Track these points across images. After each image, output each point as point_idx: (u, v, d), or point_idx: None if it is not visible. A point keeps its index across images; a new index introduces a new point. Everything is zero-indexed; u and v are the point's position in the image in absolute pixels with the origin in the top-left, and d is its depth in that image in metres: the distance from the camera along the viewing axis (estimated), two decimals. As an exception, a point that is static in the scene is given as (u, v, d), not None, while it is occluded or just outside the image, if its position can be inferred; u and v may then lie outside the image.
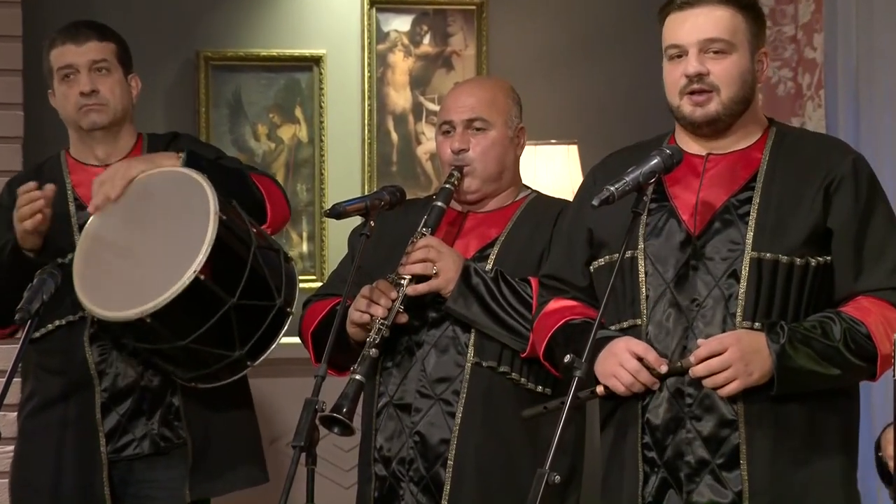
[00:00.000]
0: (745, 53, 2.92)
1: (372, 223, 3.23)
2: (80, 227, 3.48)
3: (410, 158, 5.34)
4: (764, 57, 2.97)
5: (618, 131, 4.85)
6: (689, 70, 2.89)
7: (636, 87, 5.24)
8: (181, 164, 3.46)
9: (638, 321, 2.92)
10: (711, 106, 2.91)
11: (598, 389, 2.89)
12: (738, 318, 2.84)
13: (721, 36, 2.90)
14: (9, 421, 3.95)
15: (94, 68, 3.52)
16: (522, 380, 3.27)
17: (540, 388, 3.28)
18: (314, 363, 3.37)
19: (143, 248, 3.37)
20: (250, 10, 5.22)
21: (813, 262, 2.86)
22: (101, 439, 3.48)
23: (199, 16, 5.19)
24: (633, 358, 2.84)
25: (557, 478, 2.62)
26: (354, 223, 3.45)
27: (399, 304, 3.23)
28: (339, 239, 4.09)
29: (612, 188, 2.80)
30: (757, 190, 2.90)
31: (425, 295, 3.28)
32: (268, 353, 3.43)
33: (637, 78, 5.18)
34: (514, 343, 3.24)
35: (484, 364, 3.26)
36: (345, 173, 5.28)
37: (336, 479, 5.00)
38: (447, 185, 3.35)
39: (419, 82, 5.35)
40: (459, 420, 3.25)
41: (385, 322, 3.21)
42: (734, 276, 2.86)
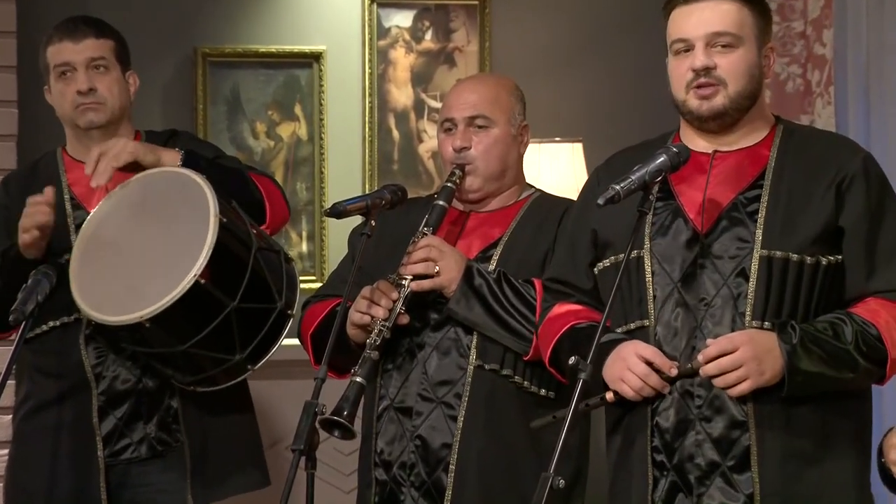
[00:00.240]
0: (752, 48, 2.93)
1: (373, 222, 3.23)
2: (77, 226, 3.48)
3: (412, 157, 5.34)
4: (770, 52, 2.98)
5: (624, 129, 4.85)
6: (697, 64, 2.90)
7: (642, 83, 5.24)
8: (180, 162, 3.46)
9: (645, 322, 2.92)
10: (718, 99, 2.91)
11: (608, 395, 2.89)
12: (748, 317, 2.84)
13: (728, 29, 2.91)
14: (3, 424, 3.96)
15: (91, 66, 3.52)
16: (525, 383, 3.27)
17: (543, 392, 3.28)
18: (314, 365, 3.37)
19: (141, 250, 3.37)
20: (249, 6, 5.23)
21: (824, 261, 2.86)
22: (98, 443, 3.49)
23: (196, 11, 5.19)
24: (641, 362, 2.84)
25: (562, 482, 2.62)
26: (355, 223, 3.46)
27: (400, 305, 3.23)
28: (340, 239, 4.10)
29: (617, 187, 2.80)
30: (765, 187, 2.91)
31: (427, 294, 3.28)
32: (268, 356, 3.43)
33: (643, 74, 5.18)
34: (518, 346, 3.24)
35: (486, 367, 3.26)
36: (345, 172, 5.28)
37: (336, 483, 5.00)
38: (449, 184, 3.35)
39: (421, 79, 5.35)
40: (461, 424, 3.25)
41: (386, 323, 3.21)
42: (743, 274, 2.86)
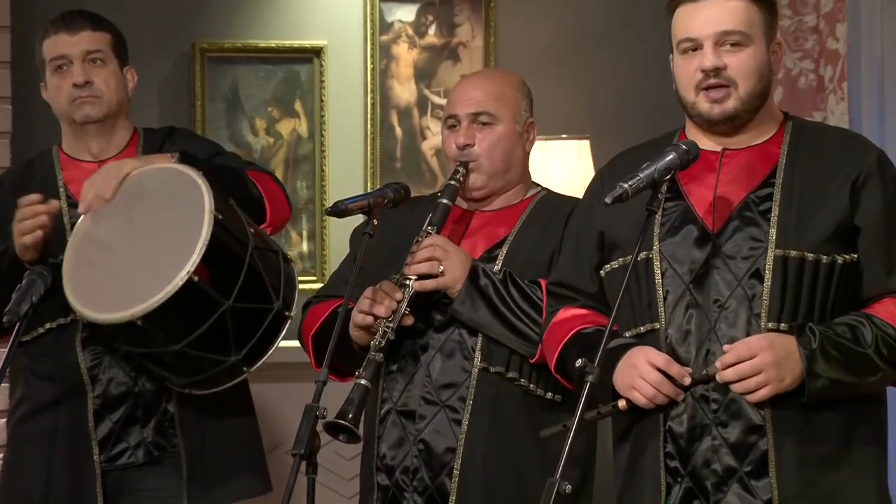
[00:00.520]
0: (761, 45, 2.92)
1: (375, 222, 3.22)
2: (72, 226, 3.47)
3: (415, 154, 5.34)
4: (778, 48, 2.97)
5: (632, 126, 4.85)
6: (706, 64, 2.89)
7: (651, 79, 5.24)
8: (176, 160, 3.46)
9: (656, 325, 2.91)
10: (730, 103, 2.90)
11: (620, 404, 2.88)
12: (763, 318, 2.84)
13: (737, 28, 2.90)
14: (-3, 428, 3.97)
15: (88, 59, 3.52)
16: (531, 386, 3.27)
17: (550, 395, 3.28)
18: (315, 368, 3.37)
19: (135, 247, 3.37)
20: (248, 0, 5.23)
21: (839, 260, 2.86)
22: (94, 447, 3.49)
23: (194, 6, 5.19)
24: (653, 370, 2.83)
25: (569, 487, 2.62)
26: (356, 222, 3.46)
27: (404, 306, 3.24)
28: (341, 238, 4.09)
29: (625, 185, 2.80)
30: (777, 185, 2.90)
31: (431, 295, 3.28)
32: (265, 358, 3.43)
33: (652, 69, 5.18)
34: (524, 348, 3.24)
35: (491, 370, 3.26)
36: (346, 170, 5.28)
37: (337, 488, 5.01)
38: (452, 182, 3.35)
39: (424, 75, 5.35)
40: (466, 428, 3.25)
41: (390, 324, 3.21)
42: (757, 275, 2.85)
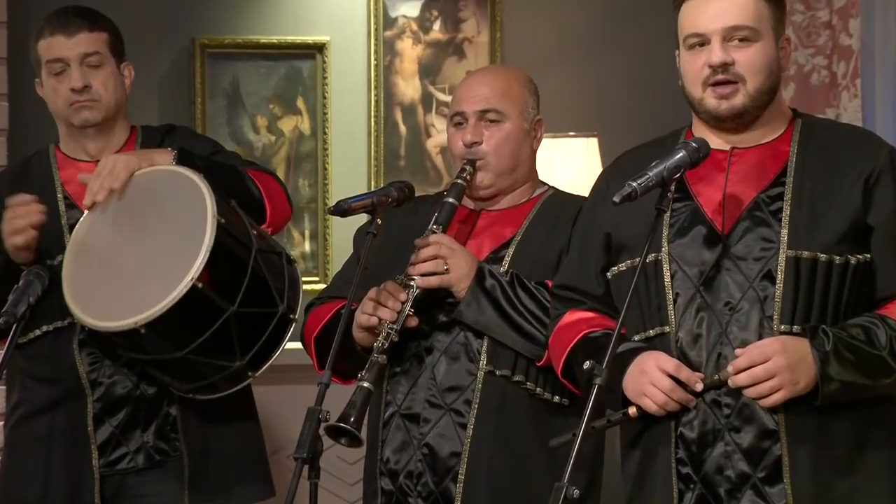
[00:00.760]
0: (769, 41, 2.92)
1: (379, 221, 3.23)
2: (71, 226, 3.47)
3: (420, 152, 5.35)
4: (787, 43, 2.97)
5: (641, 123, 4.85)
6: (714, 60, 2.89)
7: (660, 75, 5.23)
8: (175, 160, 3.46)
9: (666, 328, 2.91)
10: (738, 99, 2.90)
11: (631, 411, 2.87)
12: (776, 320, 2.84)
13: (746, 23, 2.90)
14: (-6, 431, 3.97)
15: (85, 62, 3.51)
16: (538, 390, 3.27)
17: (557, 399, 3.28)
18: (317, 370, 3.37)
19: (135, 252, 3.37)
20: (249, -5, 5.24)
21: (853, 260, 2.86)
22: (93, 452, 3.48)
23: (194, 0, 5.20)
24: (665, 376, 2.83)
25: (577, 492, 2.62)
26: (360, 221, 3.46)
27: (409, 307, 3.24)
28: (344, 238, 4.10)
29: (634, 184, 2.80)
30: (788, 185, 2.90)
31: (437, 295, 3.28)
32: (270, 362, 3.43)
33: (662, 66, 5.15)
34: (530, 350, 3.24)
35: (497, 372, 3.26)
36: (350, 168, 5.29)
37: (340, 493, 5.01)
38: (458, 181, 3.35)
39: (429, 71, 5.35)
40: (471, 432, 3.25)
41: (394, 326, 3.22)
42: (769, 276, 2.85)
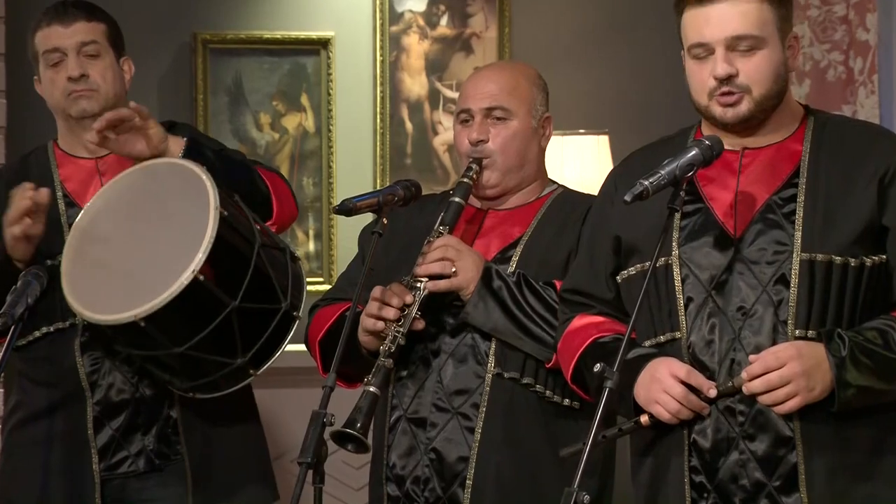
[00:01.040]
0: (775, 45, 2.90)
1: (384, 220, 3.23)
2: (71, 225, 3.47)
3: (426, 150, 5.35)
4: (795, 41, 2.95)
5: (653, 120, 4.85)
6: (718, 72, 2.87)
7: (672, 72, 5.19)
8: (183, 151, 3.47)
9: (677, 334, 2.91)
10: (743, 106, 2.89)
11: (643, 419, 2.88)
12: (790, 325, 2.83)
13: (749, 31, 2.87)
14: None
15: (82, 51, 3.52)
16: (548, 392, 3.27)
17: (567, 402, 3.28)
18: (322, 373, 3.38)
19: (137, 245, 3.38)
20: (252, -11, 5.25)
21: (868, 262, 2.85)
22: (94, 456, 3.49)
23: (196, -5, 5.21)
24: (678, 383, 2.83)
25: (587, 497, 2.62)
26: (365, 221, 3.46)
27: (415, 310, 3.24)
28: (349, 238, 4.12)
29: (646, 182, 2.80)
30: (801, 186, 2.90)
31: (443, 297, 3.28)
32: (272, 360, 3.43)
33: (673, 62, 5.13)
34: (539, 352, 3.24)
35: (506, 375, 3.26)
36: (355, 166, 5.29)
37: (346, 499, 5.01)
38: (465, 180, 3.35)
39: (436, 67, 5.36)
40: (479, 436, 3.25)
41: (401, 329, 3.22)
42: (783, 280, 2.84)
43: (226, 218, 3.30)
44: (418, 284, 3.26)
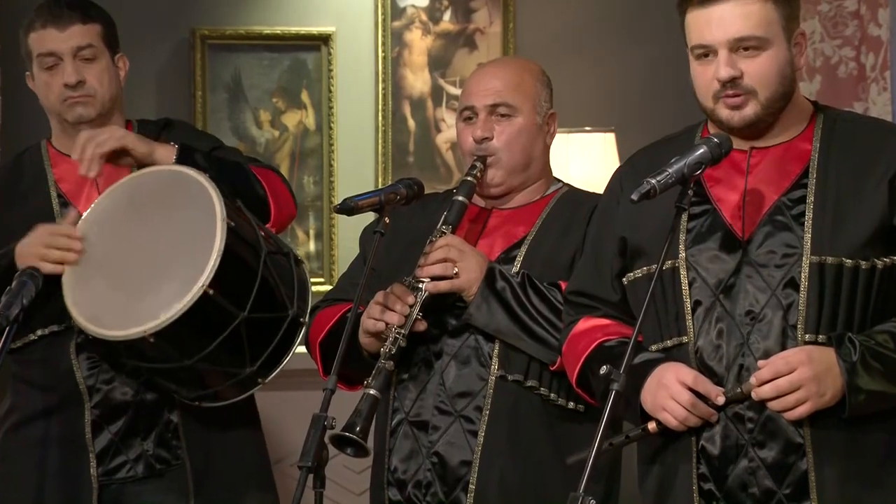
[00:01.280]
0: (781, 44, 2.88)
1: (386, 220, 3.23)
2: (64, 226, 3.49)
3: (429, 148, 5.35)
4: (802, 38, 2.93)
5: (660, 117, 4.84)
6: (722, 75, 2.86)
7: (679, 68, 5.18)
8: (174, 157, 3.46)
9: (684, 338, 2.90)
10: (749, 109, 2.88)
11: (650, 426, 2.88)
12: (800, 330, 2.83)
13: (752, 32, 2.86)
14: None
15: (79, 55, 3.51)
16: (552, 395, 3.27)
17: (571, 405, 3.28)
18: (322, 375, 3.38)
19: (140, 257, 3.36)
20: (251, -16, 5.25)
21: (879, 265, 2.85)
22: (91, 460, 3.49)
23: (194, -10, 5.21)
24: (685, 389, 2.83)
25: (593, 502, 2.62)
26: (367, 220, 3.46)
27: (417, 311, 3.24)
28: (351, 237, 4.10)
29: (653, 181, 2.79)
30: (811, 187, 2.89)
31: (445, 298, 3.28)
32: (280, 368, 3.43)
33: (681, 58, 5.14)
34: (543, 354, 3.24)
35: (509, 377, 3.26)
36: (356, 164, 5.29)
37: (346, 503, 5.01)
38: (469, 178, 3.35)
39: (439, 63, 5.35)
40: (482, 439, 3.25)
41: (402, 331, 3.22)
42: (792, 283, 2.84)
43: (233, 229, 3.29)
44: (420, 285, 3.26)
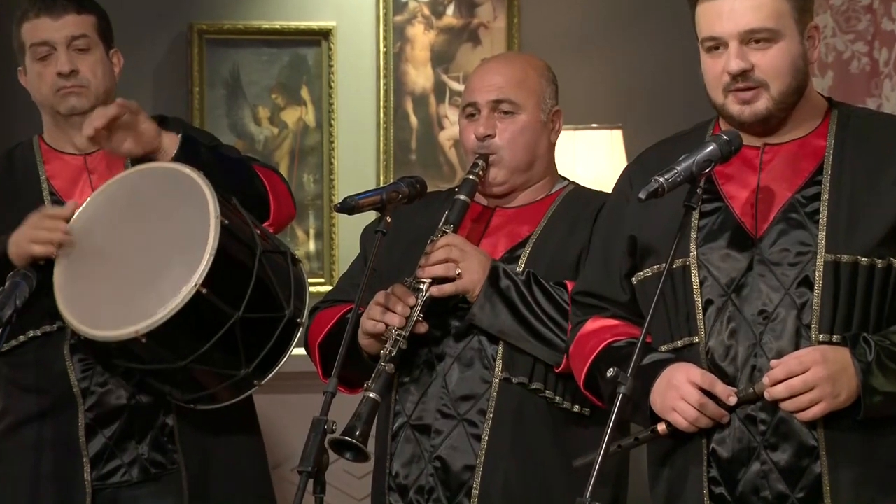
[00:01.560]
0: (793, 37, 2.88)
1: (388, 219, 3.23)
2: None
3: (432, 145, 5.35)
4: (815, 32, 2.92)
5: (668, 114, 4.84)
6: (732, 67, 2.86)
7: (688, 63, 5.17)
8: (178, 148, 3.45)
9: (695, 339, 2.90)
10: (760, 103, 2.88)
11: (660, 428, 2.87)
12: (814, 329, 2.82)
13: (764, 24, 2.85)
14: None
15: (72, 46, 3.52)
16: (557, 398, 3.27)
17: (577, 408, 3.27)
18: (322, 378, 3.38)
19: (133, 255, 3.36)
20: (250, -22, 5.25)
21: (895, 263, 2.84)
22: (85, 464, 3.49)
23: (192, -16, 5.21)
24: (695, 390, 2.82)
25: (600, 508, 2.62)
26: (368, 219, 3.46)
27: (418, 312, 3.23)
28: (351, 237, 4.09)
29: (661, 179, 2.79)
30: (825, 184, 2.88)
31: (448, 300, 3.27)
32: (276, 370, 3.43)
33: (689, 54, 5.10)
34: (549, 356, 3.24)
35: (514, 380, 3.26)
36: (357, 162, 5.29)
37: (347, 509, 5.01)
38: (471, 176, 3.34)
39: (442, 59, 5.35)
40: (486, 444, 3.24)
41: (402, 332, 3.21)
42: (806, 282, 2.83)
43: (227, 227, 3.29)
44: (421, 286, 3.25)
